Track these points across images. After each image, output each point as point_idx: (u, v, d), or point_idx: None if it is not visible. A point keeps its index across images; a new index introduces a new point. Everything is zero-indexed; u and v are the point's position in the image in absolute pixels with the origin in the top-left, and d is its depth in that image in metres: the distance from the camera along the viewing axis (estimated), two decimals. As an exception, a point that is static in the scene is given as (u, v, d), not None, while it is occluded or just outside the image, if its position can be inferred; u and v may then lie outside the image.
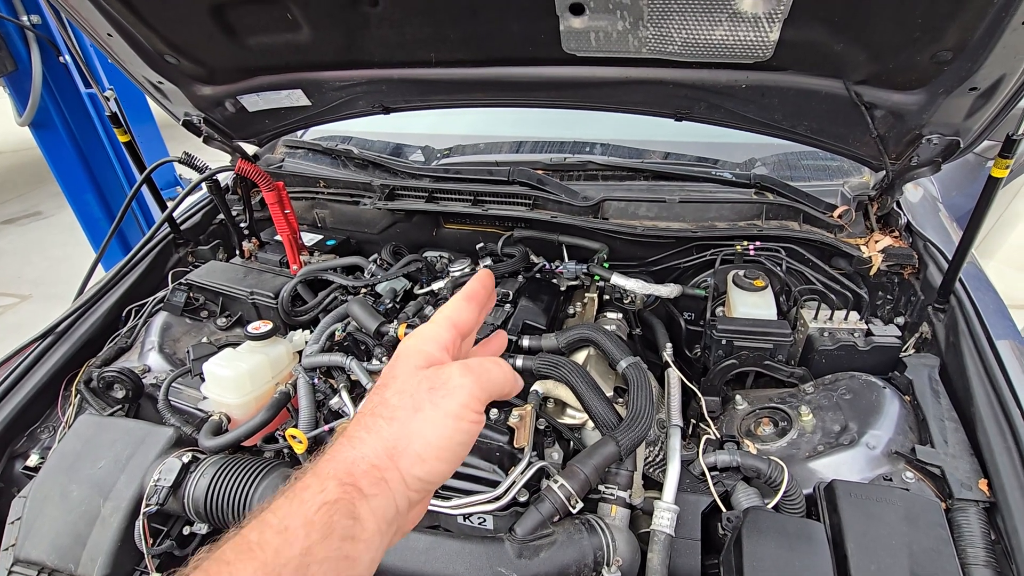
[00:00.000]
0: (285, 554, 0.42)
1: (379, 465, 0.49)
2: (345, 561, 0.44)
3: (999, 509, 0.98)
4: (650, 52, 1.31)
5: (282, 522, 0.44)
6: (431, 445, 0.50)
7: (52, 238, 5.88)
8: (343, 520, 0.45)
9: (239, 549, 0.42)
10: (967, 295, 1.33)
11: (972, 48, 1.09)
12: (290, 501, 0.45)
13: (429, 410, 0.51)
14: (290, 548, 0.42)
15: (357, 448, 0.49)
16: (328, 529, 0.44)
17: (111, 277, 1.71)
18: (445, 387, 0.52)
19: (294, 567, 0.41)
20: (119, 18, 1.40)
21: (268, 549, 0.42)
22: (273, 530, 0.43)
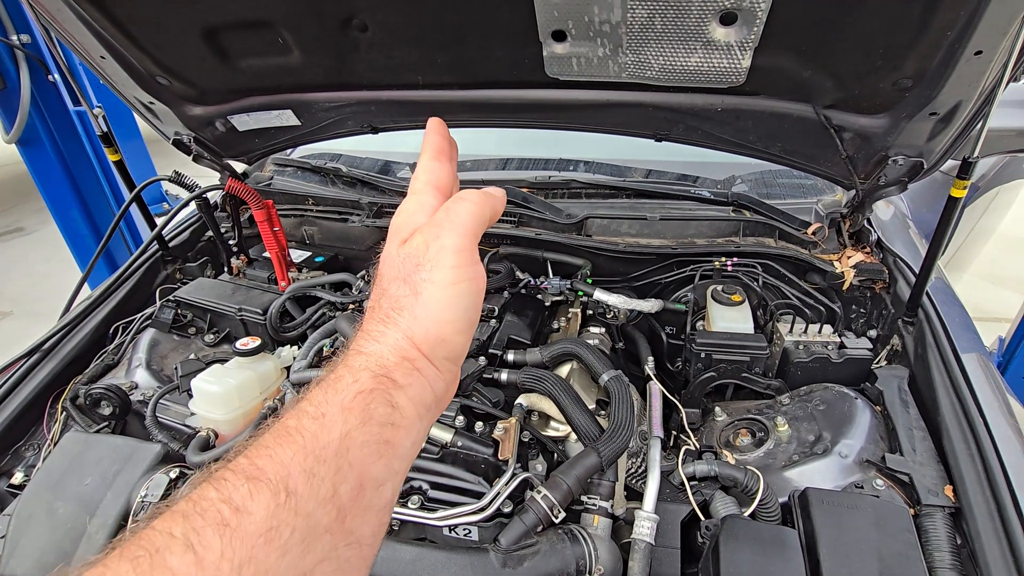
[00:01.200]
0: (323, 438, 0.42)
1: (409, 356, 0.48)
2: (386, 446, 0.44)
3: (964, 514, 1.02)
4: (630, 77, 1.36)
5: (319, 409, 0.44)
6: (445, 322, 0.49)
7: (35, 254, 5.82)
8: (381, 408, 0.45)
9: (278, 434, 0.42)
10: (934, 309, 1.39)
11: (930, 76, 1.15)
12: (325, 391, 0.45)
13: (427, 290, 0.49)
14: (328, 432, 0.42)
15: (381, 342, 0.49)
16: (366, 415, 0.44)
17: (99, 294, 1.72)
18: (427, 259, 0.50)
19: (334, 449, 0.41)
20: (112, 41, 1.43)
21: (306, 434, 0.42)
22: (310, 416, 0.43)
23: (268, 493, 0.37)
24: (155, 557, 0.33)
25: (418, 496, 1.10)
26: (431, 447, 1.16)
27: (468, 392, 1.29)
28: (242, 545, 0.35)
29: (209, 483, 0.38)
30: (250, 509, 0.36)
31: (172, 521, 0.35)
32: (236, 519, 0.36)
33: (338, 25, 1.35)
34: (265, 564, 0.35)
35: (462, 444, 1.15)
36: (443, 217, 0.52)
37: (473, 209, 0.53)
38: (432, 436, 1.16)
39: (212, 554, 0.34)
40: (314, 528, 0.38)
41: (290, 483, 0.38)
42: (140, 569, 0.33)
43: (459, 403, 1.22)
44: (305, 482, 0.39)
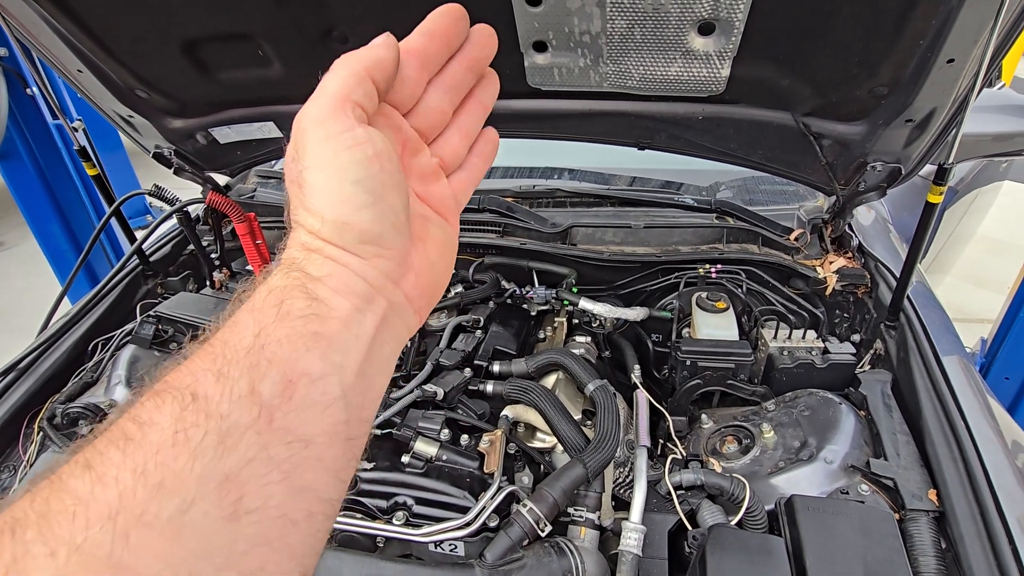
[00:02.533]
0: (233, 340, 0.38)
1: (313, 247, 0.43)
2: (315, 338, 0.40)
3: (947, 518, 1.03)
4: (611, 86, 1.37)
5: (230, 318, 0.40)
6: (339, 203, 0.43)
7: (14, 269, 5.72)
8: (298, 302, 0.40)
9: (190, 351, 0.39)
10: (915, 313, 1.40)
11: (905, 83, 1.17)
12: (238, 303, 0.42)
13: (307, 178, 0.43)
14: (238, 335, 0.38)
15: (287, 248, 0.44)
16: (281, 312, 0.39)
17: (77, 310, 1.69)
18: (298, 149, 0.44)
19: (245, 348, 0.38)
20: (89, 54, 1.41)
21: (216, 342, 0.38)
22: (224, 328, 0.39)
23: (173, 401, 0.35)
24: (56, 482, 0.32)
25: (403, 512, 1.08)
26: (415, 462, 1.15)
27: (453, 404, 1.28)
28: (144, 454, 0.32)
29: (121, 410, 0.36)
30: (155, 420, 0.34)
31: (78, 450, 0.33)
32: (140, 432, 0.33)
33: (318, 37, 1.34)
34: (174, 468, 0.32)
35: (447, 458, 1.14)
36: (309, 100, 0.46)
37: (336, 73, 0.46)
38: (417, 450, 1.15)
39: (111, 468, 0.32)
40: (232, 428, 0.35)
41: (197, 388, 0.35)
42: (39, 497, 0.31)
43: (444, 416, 1.21)
44: (214, 383, 0.36)
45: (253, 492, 0.35)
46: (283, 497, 0.36)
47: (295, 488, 0.37)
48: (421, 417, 1.21)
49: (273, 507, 0.35)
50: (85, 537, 0.30)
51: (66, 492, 0.31)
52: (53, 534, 0.30)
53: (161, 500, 0.32)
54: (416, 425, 1.19)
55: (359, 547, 1.12)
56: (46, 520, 0.30)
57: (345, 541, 1.11)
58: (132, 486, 0.32)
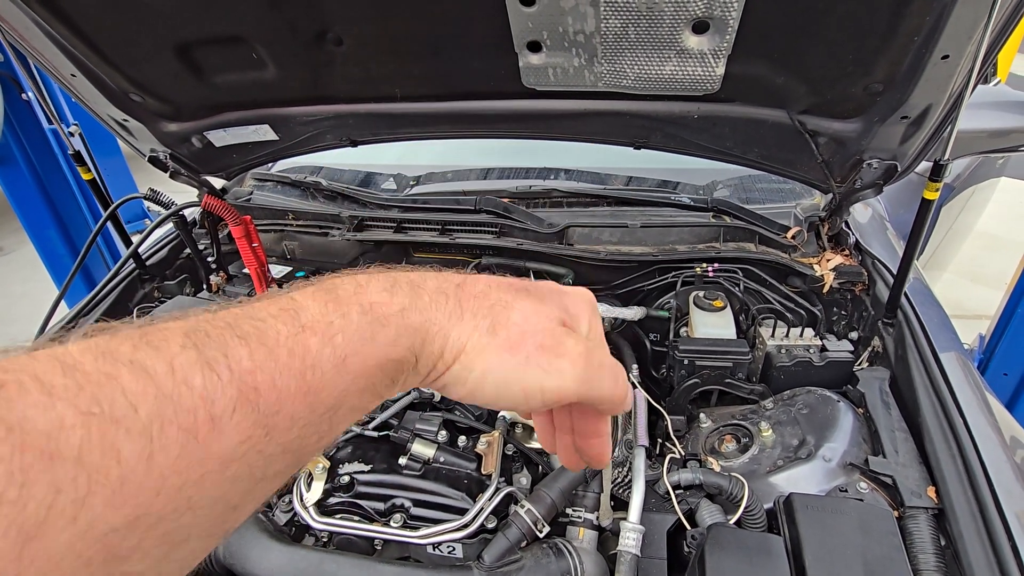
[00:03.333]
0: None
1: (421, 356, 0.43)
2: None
3: (946, 515, 1.02)
4: (606, 86, 1.37)
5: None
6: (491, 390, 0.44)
7: (12, 274, 5.71)
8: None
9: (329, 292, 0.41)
10: (913, 310, 1.40)
11: (900, 80, 1.17)
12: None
13: (525, 349, 0.44)
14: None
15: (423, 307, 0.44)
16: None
17: (74, 314, 1.69)
18: (556, 349, 0.44)
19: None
20: (83, 59, 1.41)
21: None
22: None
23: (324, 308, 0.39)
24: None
25: (401, 514, 1.08)
26: (413, 464, 1.15)
27: (450, 406, 1.28)
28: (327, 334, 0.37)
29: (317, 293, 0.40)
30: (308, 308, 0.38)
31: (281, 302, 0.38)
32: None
33: (313, 39, 1.34)
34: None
35: (445, 459, 1.14)
36: (597, 364, 0.47)
37: (611, 391, 0.49)
38: (414, 452, 1.15)
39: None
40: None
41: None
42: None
43: (441, 417, 1.20)
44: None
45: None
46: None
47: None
48: (418, 419, 1.20)
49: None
50: None
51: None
52: None
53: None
54: (413, 427, 1.19)
55: (357, 550, 1.11)
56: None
57: (343, 544, 1.11)
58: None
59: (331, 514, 1.12)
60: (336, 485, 1.14)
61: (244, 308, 0.38)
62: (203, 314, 0.37)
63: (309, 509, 1.10)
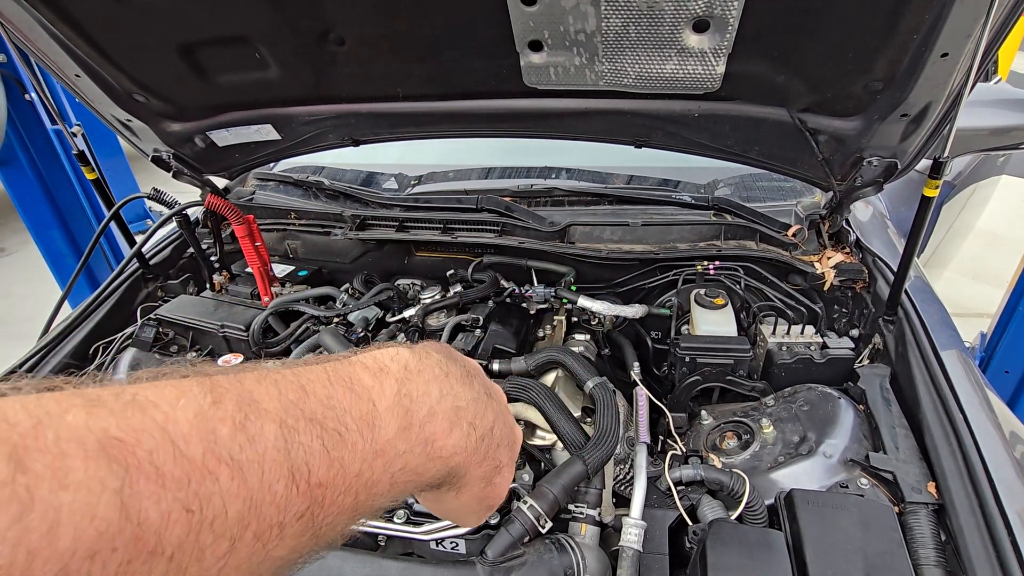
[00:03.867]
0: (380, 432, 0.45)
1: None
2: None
3: (947, 510, 1.03)
4: (607, 85, 1.37)
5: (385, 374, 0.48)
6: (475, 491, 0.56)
7: (15, 275, 5.73)
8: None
9: (372, 372, 0.46)
10: (913, 307, 1.41)
11: (900, 78, 1.18)
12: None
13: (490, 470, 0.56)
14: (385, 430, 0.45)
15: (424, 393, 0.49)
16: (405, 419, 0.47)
17: (78, 314, 1.70)
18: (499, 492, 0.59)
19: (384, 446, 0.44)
20: (87, 59, 1.42)
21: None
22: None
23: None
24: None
25: (404, 511, 1.09)
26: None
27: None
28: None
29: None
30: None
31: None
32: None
33: (315, 39, 1.35)
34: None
35: (448, 456, 1.14)
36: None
37: None
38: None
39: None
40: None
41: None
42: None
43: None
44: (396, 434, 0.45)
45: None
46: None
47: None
48: (421, 416, 1.21)
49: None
50: None
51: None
52: None
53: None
54: (416, 424, 1.19)
55: (361, 546, 1.12)
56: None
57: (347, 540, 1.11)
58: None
59: (335, 511, 1.13)
60: (340, 482, 1.15)
61: (328, 393, 0.41)
62: (296, 387, 0.40)
63: (313, 506, 1.10)
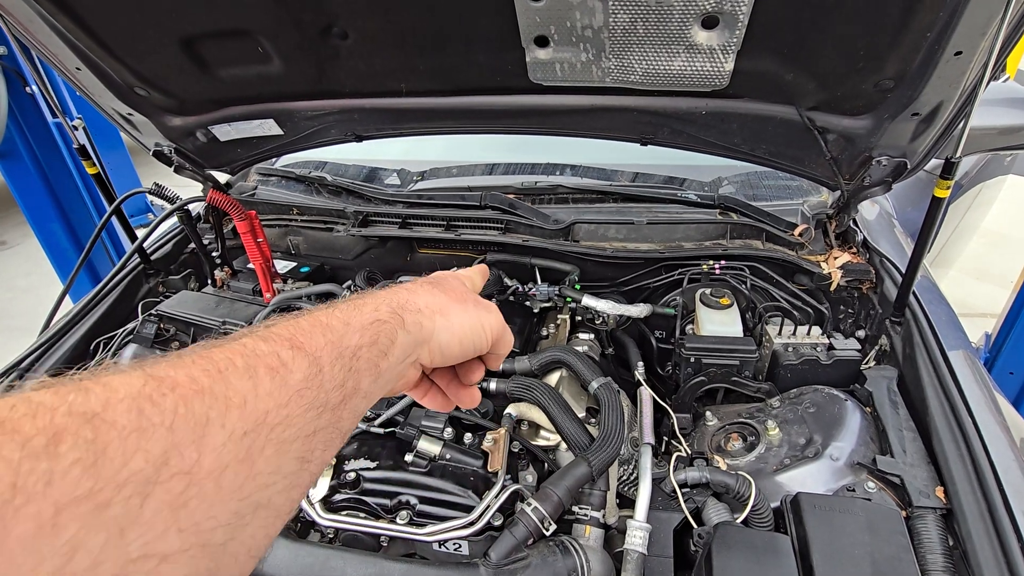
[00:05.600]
0: (346, 340, 0.50)
1: (424, 312, 0.59)
2: (375, 369, 0.53)
3: (955, 515, 1.02)
4: (613, 81, 1.36)
5: (346, 317, 0.52)
6: (462, 326, 0.62)
7: (16, 268, 5.72)
8: (384, 339, 0.54)
9: (312, 322, 0.50)
10: (921, 308, 1.39)
11: (911, 77, 1.16)
12: (351, 307, 0.55)
13: (469, 307, 0.63)
14: (349, 338, 0.50)
15: (410, 295, 0.60)
16: (374, 339, 0.53)
17: (79, 309, 1.69)
18: (484, 304, 0.66)
19: (351, 352, 0.50)
20: (87, 52, 1.40)
21: (334, 332, 0.50)
22: (339, 320, 0.52)
23: (306, 361, 0.46)
24: (222, 372, 0.40)
25: (407, 511, 1.08)
26: (419, 460, 1.14)
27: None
28: (285, 390, 0.43)
29: (258, 338, 0.45)
30: (291, 368, 0.44)
31: (233, 352, 0.42)
32: (283, 370, 0.43)
33: (318, 33, 1.33)
34: (295, 413, 0.43)
35: (451, 456, 1.13)
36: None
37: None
38: (420, 449, 1.15)
39: (263, 387, 0.41)
40: (325, 403, 0.46)
41: (321, 362, 0.47)
42: (209, 376, 0.39)
43: (447, 414, 1.20)
44: (330, 366, 0.47)
45: (318, 451, 0.46)
46: (320, 461, 0.47)
47: (326, 459, 0.48)
48: (424, 416, 1.20)
49: (318, 463, 0.47)
50: None
51: (231, 388, 0.40)
52: None
53: (284, 427, 0.42)
54: (419, 424, 1.19)
55: (363, 546, 1.11)
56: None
57: (349, 541, 1.11)
58: (274, 410, 0.42)
59: (337, 511, 1.12)
60: (342, 481, 1.14)
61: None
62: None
63: (315, 505, 1.10)
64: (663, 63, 1.27)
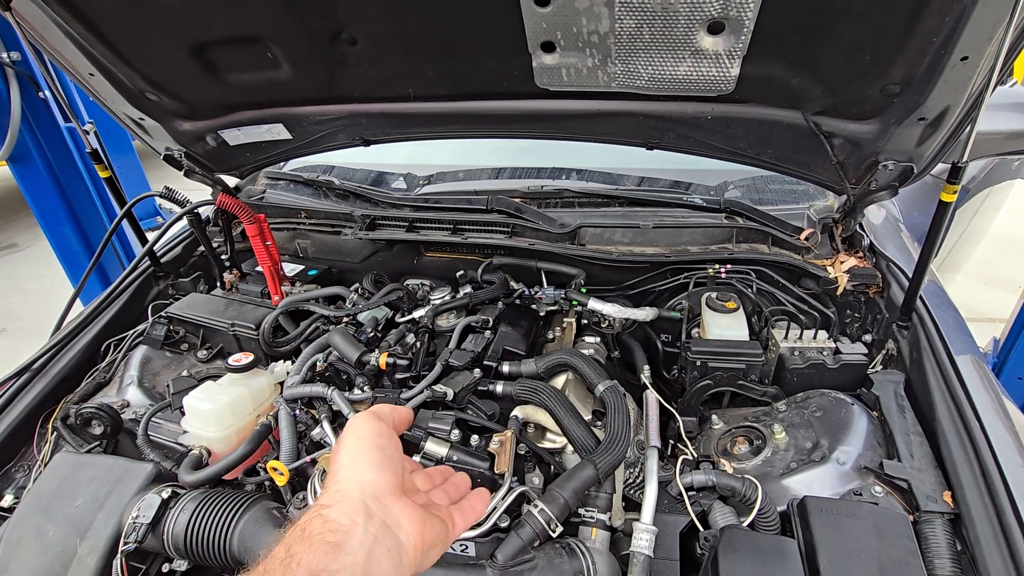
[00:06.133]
0: (272, 563, 0.49)
1: (326, 488, 0.59)
2: (331, 546, 0.52)
3: (963, 520, 1.02)
4: (619, 86, 1.37)
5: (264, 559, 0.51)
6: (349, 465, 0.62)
7: (27, 271, 5.78)
8: (315, 524, 0.53)
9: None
10: (928, 312, 1.39)
11: (918, 82, 1.16)
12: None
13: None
14: (274, 555, 0.49)
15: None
16: (305, 533, 0.52)
17: (90, 311, 1.71)
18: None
19: (280, 559, 0.49)
20: (100, 58, 1.42)
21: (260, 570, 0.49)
22: (262, 561, 0.50)
23: None
24: None
25: (414, 512, 1.08)
26: (426, 462, 1.15)
27: (463, 405, 1.28)
28: None
29: None
30: None
31: None
32: None
33: (327, 40, 1.35)
34: None
35: (458, 458, 1.14)
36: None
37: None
38: (428, 451, 1.15)
39: None
40: None
41: None
42: None
43: (454, 417, 1.21)
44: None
45: None
46: None
47: None
48: (431, 418, 1.21)
49: None
50: None
51: None
52: None
53: None
54: (427, 426, 1.19)
55: (370, 547, 1.12)
56: None
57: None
58: None
59: (344, 511, 1.13)
60: (349, 483, 1.15)
61: None
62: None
63: (322, 506, 1.10)
64: (669, 68, 1.28)
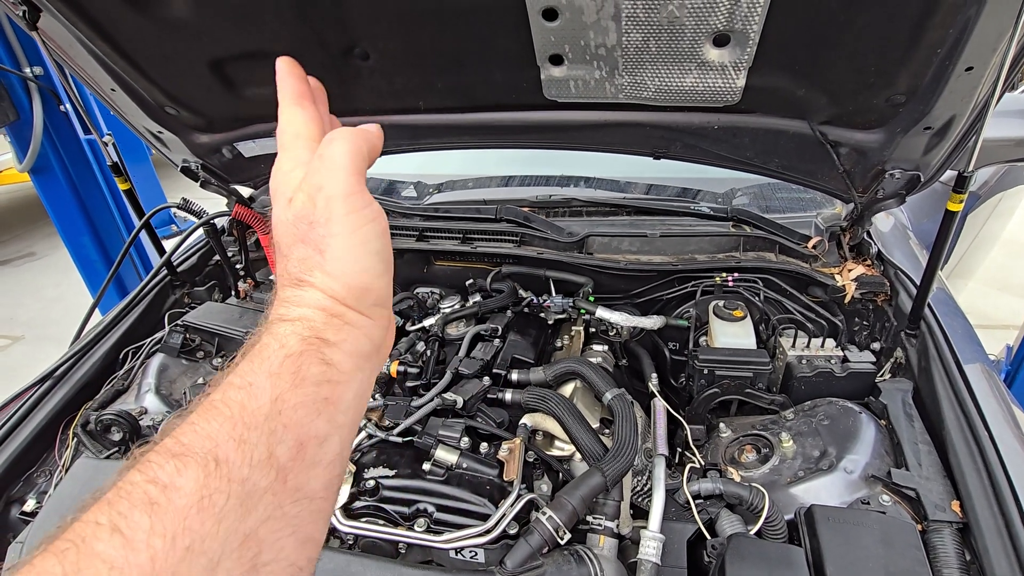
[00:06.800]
0: (252, 405, 0.41)
1: (336, 312, 0.47)
2: (325, 403, 0.44)
3: (971, 529, 1.02)
4: (627, 98, 1.39)
5: (244, 379, 0.42)
6: (362, 271, 0.49)
7: (45, 279, 5.89)
8: (314, 368, 0.44)
9: (203, 410, 0.41)
10: (936, 321, 1.39)
11: (923, 92, 1.17)
12: (251, 362, 0.44)
13: (331, 245, 0.48)
14: (256, 400, 0.41)
15: (302, 305, 0.47)
16: (298, 378, 0.43)
17: (109, 320, 1.75)
18: (318, 214, 0.48)
19: (264, 414, 0.41)
20: (123, 74, 1.47)
21: (233, 405, 0.41)
22: (236, 387, 0.42)
23: (196, 466, 0.37)
24: (81, 547, 0.32)
25: (424, 519, 1.10)
26: (436, 469, 1.17)
27: (472, 413, 1.30)
28: (173, 519, 0.35)
29: (135, 468, 0.37)
30: (178, 484, 0.36)
31: (98, 510, 0.35)
32: (164, 496, 0.35)
33: (340, 54, 1.38)
34: (201, 532, 0.35)
35: (467, 465, 1.16)
36: (319, 165, 0.50)
37: (347, 147, 0.51)
38: (437, 458, 1.17)
39: (141, 532, 0.33)
40: (252, 491, 0.38)
41: (219, 453, 0.38)
42: (67, 561, 0.32)
43: (464, 424, 1.23)
44: (236, 449, 0.39)
45: (269, 546, 0.39)
46: (293, 548, 0.40)
47: (302, 539, 0.41)
48: (441, 425, 1.23)
49: (284, 558, 0.40)
50: None
51: (97, 557, 0.32)
52: None
53: (191, 562, 0.34)
54: (437, 433, 1.21)
55: (381, 553, 1.14)
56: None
57: (367, 547, 1.13)
58: (163, 550, 0.34)
59: (357, 517, 1.15)
60: (362, 489, 1.17)
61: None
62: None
63: (336, 512, 1.13)
64: (675, 80, 1.30)
